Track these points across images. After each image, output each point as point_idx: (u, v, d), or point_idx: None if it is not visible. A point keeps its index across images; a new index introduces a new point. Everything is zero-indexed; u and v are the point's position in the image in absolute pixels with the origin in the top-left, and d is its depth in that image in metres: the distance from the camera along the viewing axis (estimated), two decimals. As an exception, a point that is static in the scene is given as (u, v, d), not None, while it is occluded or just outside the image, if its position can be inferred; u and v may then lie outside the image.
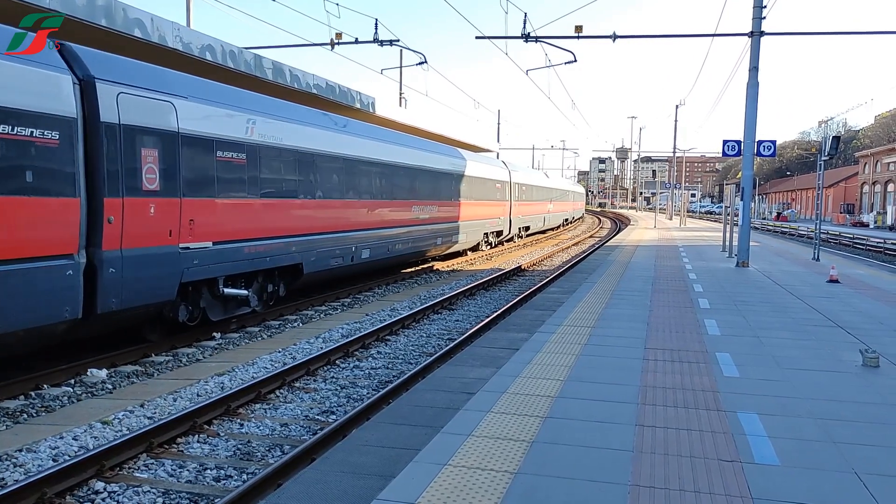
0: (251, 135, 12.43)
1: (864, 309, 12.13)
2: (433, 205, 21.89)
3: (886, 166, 68.68)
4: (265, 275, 13.24)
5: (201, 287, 11.48)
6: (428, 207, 21.45)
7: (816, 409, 6.13)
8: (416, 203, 20.55)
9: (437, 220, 22.32)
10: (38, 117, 8.24)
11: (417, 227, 20.57)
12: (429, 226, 21.53)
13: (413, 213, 20.22)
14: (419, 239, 20.86)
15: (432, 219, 21.82)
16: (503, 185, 31.43)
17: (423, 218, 21.00)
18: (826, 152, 20.88)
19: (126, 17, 14.64)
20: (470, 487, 4.36)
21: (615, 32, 19.78)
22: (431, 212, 21.69)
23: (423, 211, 20.95)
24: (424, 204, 21.18)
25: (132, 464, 6.47)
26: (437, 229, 22.37)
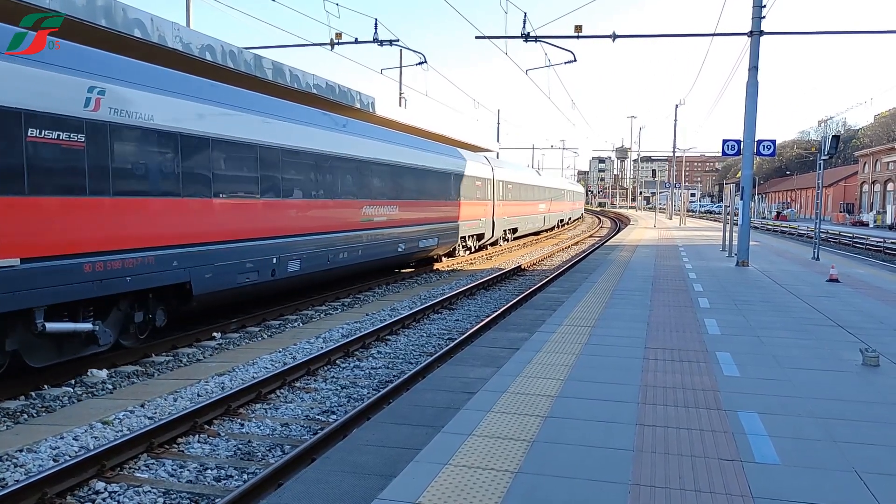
0: (95, 109, 9.14)
1: (864, 308, 12.13)
2: (392, 205, 18.87)
3: (886, 165, 68.71)
4: (133, 299, 10.30)
5: (11, 322, 8.35)
6: (386, 208, 18.46)
7: (817, 409, 6.13)
8: (370, 203, 17.50)
9: (399, 222, 19.36)
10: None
11: (371, 231, 17.53)
12: (387, 230, 18.52)
13: (364, 214, 17.24)
14: (374, 245, 17.79)
15: (392, 221, 18.86)
16: (484, 182, 28.47)
17: (378, 220, 18.04)
18: (826, 152, 20.88)
19: (126, 17, 14.64)
20: (471, 487, 4.36)
21: (615, 32, 19.79)
22: (390, 213, 18.74)
23: (378, 212, 17.97)
24: (381, 204, 18.22)
25: (133, 464, 6.47)
26: (399, 234, 19.39)
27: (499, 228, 30.70)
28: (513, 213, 33.41)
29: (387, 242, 18.61)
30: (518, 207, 34.70)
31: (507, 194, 32.21)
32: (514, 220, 34.01)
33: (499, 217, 30.45)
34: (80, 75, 9.03)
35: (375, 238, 17.82)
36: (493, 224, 29.69)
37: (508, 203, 32.30)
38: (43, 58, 8.45)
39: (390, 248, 18.91)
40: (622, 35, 20.23)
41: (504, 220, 31.64)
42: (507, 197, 32.20)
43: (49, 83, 8.51)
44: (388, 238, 18.68)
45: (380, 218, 18.07)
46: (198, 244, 11.20)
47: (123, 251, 9.65)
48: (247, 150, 12.63)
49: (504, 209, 31.38)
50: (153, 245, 10.22)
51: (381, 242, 18.21)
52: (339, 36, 22.51)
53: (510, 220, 33.00)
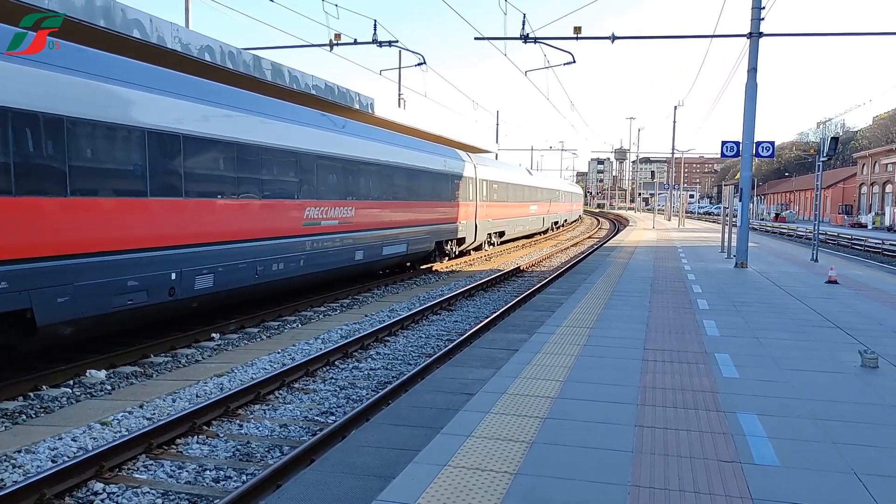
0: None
1: (863, 310, 12.13)
2: (346, 206, 16.35)
3: (884, 167, 68.80)
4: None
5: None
6: (337, 210, 15.96)
7: (816, 410, 6.13)
8: (314, 204, 14.96)
9: (356, 226, 16.75)
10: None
11: (317, 237, 14.94)
12: (339, 235, 15.91)
13: (307, 217, 14.67)
14: (322, 254, 15.19)
15: (346, 225, 16.26)
16: (465, 181, 26.01)
17: (327, 225, 15.46)
18: (824, 153, 20.90)
19: (125, 17, 14.64)
20: (470, 488, 4.36)
21: (614, 33, 19.83)
22: (344, 216, 16.21)
23: (326, 214, 15.41)
24: (331, 205, 15.67)
25: (131, 465, 6.46)
26: (356, 240, 16.76)
27: (482, 232, 28.28)
28: (499, 215, 30.92)
29: (339, 250, 15.96)
30: (505, 209, 32.23)
31: (493, 195, 29.91)
32: (501, 222, 31.47)
33: (482, 219, 28.10)
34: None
35: (323, 245, 15.20)
36: (476, 227, 27.20)
37: (494, 204, 29.97)
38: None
39: (344, 256, 16.25)
40: (621, 36, 20.27)
41: (489, 223, 29.19)
42: (493, 197, 29.89)
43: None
44: (341, 245, 16.04)
45: (329, 221, 15.50)
46: (43, 259, 8.54)
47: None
48: (126, 133, 9.93)
49: (489, 211, 29.05)
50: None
51: (330, 250, 15.58)
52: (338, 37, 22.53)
53: (496, 223, 30.45)
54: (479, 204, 27.43)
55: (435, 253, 23.25)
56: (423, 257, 22.63)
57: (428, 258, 23.05)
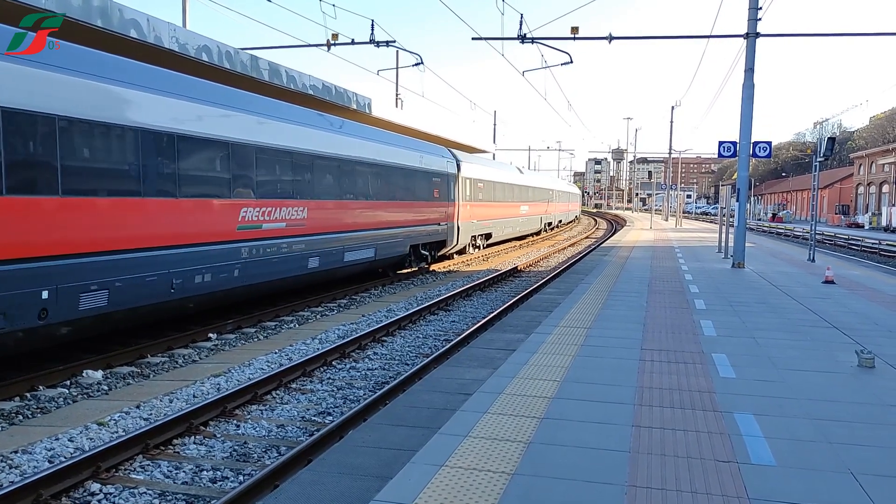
0: None
1: (860, 310, 12.16)
2: (295, 206, 14.21)
3: (881, 167, 68.94)
4: None
5: None
6: (284, 211, 13.79)
7: (812, 410, 6.14)
8: (253, 204, 12.76)
9: (309, 229, 14.66)
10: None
11: (256, 242, 12.80)
12: (286, 240, 13.85)
13: (243, 219, 12.47)
14: (264, 262, 13.06)
15: (295, 228, 14.17)
16: (446, 179, 23.98)
17: (270, 228, 13.26)
18: (821, 153, 20.94)
19: (122, 17, 14.62)
20: (467, 488, 4.36)
21: (611, 33, 19.86)
22: (293, 217, 14.09)
23: (269, 216, 13.25)
24: (275, 205, 13.47)
25: (128, 465, 6.45)
26: (308, 245, 14.63)
27: (466, 234, 26.07)
28: (485, 215, 28.83)
29: (287, 257, 13.89)
30: (492, 209, 30.09)
31: (479, 194, 27.86)
32: (487, 224, 29.28)
33: (466, 220, 25.88)
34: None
35: (266, 252, 13.13)
36: (458, 229, 25.02)
37: (479, 204, 27.87)
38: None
39: (294, 264, 14.22)
40: (618, 36, 20.30)
41: (473, 225, 27.01)
42: (478, 197, 27.81)
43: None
44: (289, 251, 13.95)
45: (274, 224, 13.38)
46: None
47: None
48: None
49: (473, 211, 26.98)
50: None
51: (275, 258, 13.44)
52: (336, 37, 22.55)
53: (481, 225, 28.30)
54: (462, 204, 25.43)
55: (410, 258, 21.26)
56: (397, 263, 20.66)
57: (402, 264, 21.05)
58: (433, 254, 23.36)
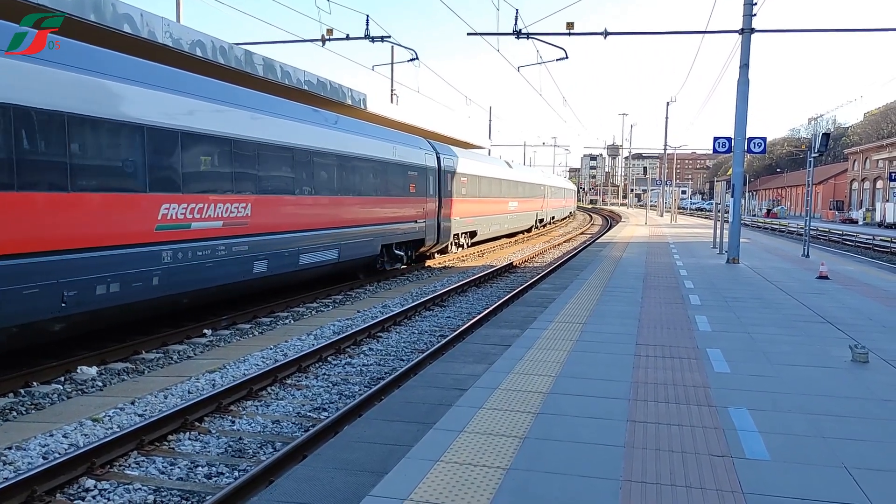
0: None
1: (854, 305, 12.20)
2: (235, 202, 12.41)
3: (875, 163, 69.12)
4: None
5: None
6: (219, 208, 11.99)
7: (806, 405, 6.16)
8: (177, 199, 11.00)
9: (253, 228, 12.88)
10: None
11: (181, 245, 11.07)
12: (223, 241, 12.07)
13: (164, 217, 10.74)
14: (192, 268, 11.35)
15: (235, 227, 12.37)
16: (425, 173, 22.31)
17: (200, 227, 11.49)
18: (816, 149, 21.00)
19: (115, 12, 14.54)
20: (462, 483, 4.36)
21: (606, 29, 19.83)
22: (232, 215, 12.29)
23: (199, 213, 11.46)
24: (207, 200, 11.68)
25: (123, 461, 6.45)
26: (252, 247, 12.81)
27: (447, 232, 24.49)
28: (469, 212, 27.09)
29: (225, 261, 12.09)
30: (477, 205, 28.20)
31: (461, 189, 26.20)
32: (471, 220, 27.60)
33: (447, 217, 24.32)
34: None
35: (196, 255, 11.37)
36: (439, 226, 23.56)
37: (463, 200, 26.20)
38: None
39: (234, 269, 12.42)
40: (614, 32, 20.28)
41: (455, 222, 25.37)
42: (462, 192, 26.17)
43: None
44: (227, 254, 12.15)
45: (205, 223, 11.61)
46: None
47: None
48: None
49: (456, 208, 25.31)
50: None
51: (209, 262, 11.70)
52: (331, 32, 22.45)
53: (464, 222, 26.64)
54: (443, 200, 23.83)
55: (383, 259, 19.68)
56: (368, 265, 19.07)
57: (374, 265, 19.43)
58: (410, 254, 21.84)
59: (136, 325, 11.51)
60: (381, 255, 19.29)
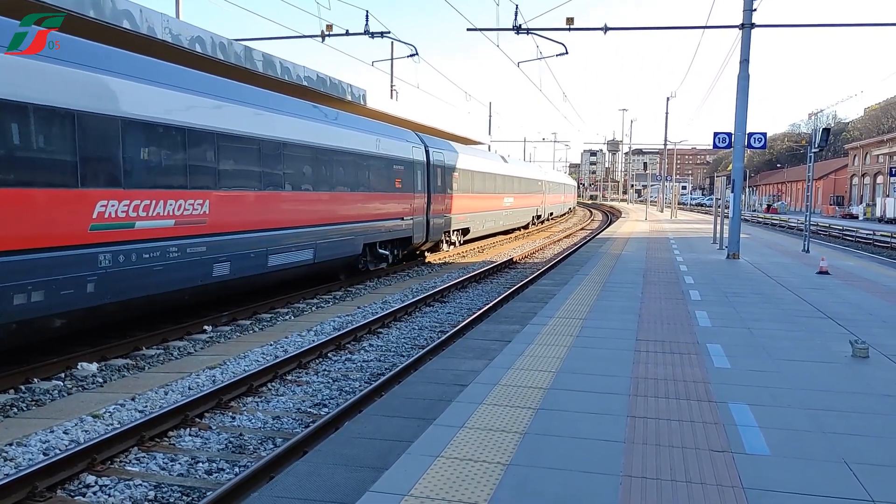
0: None
1: (854, 300, 12.19)
2: (193, 197, 11.28)
3: (876, 158, 69.05)
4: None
5: None
6: (174, 203, 10.86)
7: (807, 400, 6.16)
8: (118, 195, 9.79)
9: (214, 226, 11.74)
10: None
11: (120, 247, 9.83)
12: (175, 242, 10.87)
13: (100, 216, 9.51)
14: (137, 273, 10.13)
15: (194, 225, 11.27)
16: (413, 168, 21.14)
17: (146, 227, 10.29)
18: (816, 144, 20.96)
19: (114, 8, 14.51)
20: (462, 479, 4.37)
21: (606, 24, 19.81)
22: (187, 211, 11.13)
23: (143, 211, 10.24)
24: (156, 196, 10.49)
25: (123, 457, 6.45)
26: (212, 246, 11.67)
27: (437, 230, 23.41)
28: (461, 208, 25.92)
29: (177, 265, 10.93)
30: (470, 201, 27.06)
31: (453, 184, 25.10)
32: (464, 217, 26.46)
33: (437, 214, 23.23)
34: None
35: (142, 258, 10.19)
36: (429, 224, 22.45)
37: (454, 196, 25.12)
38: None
39: (189, 273, 11.27)
40: (614, 27, 20.27)
41: (446, 219, 24.36)
42: (453, 188, 25.07)
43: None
44: (181, 256, 10.98)
45: (153, 222, 10.42)
46: None
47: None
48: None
49: (447, 204, 24.28)
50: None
51: (158, 265, 10.53)
52: (330, 28, 22.44)
53: (456, 219, 25.51)
54: (432, 195, 22.74)
55: (365, 259, 18.52)
56: (349, 265, 17.85)
57: (355, 265, 18.19)
58: (397, 253, 20.76)
59: (137, 322, 11.51)
60: (364, 254, 18.20)
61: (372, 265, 19.04)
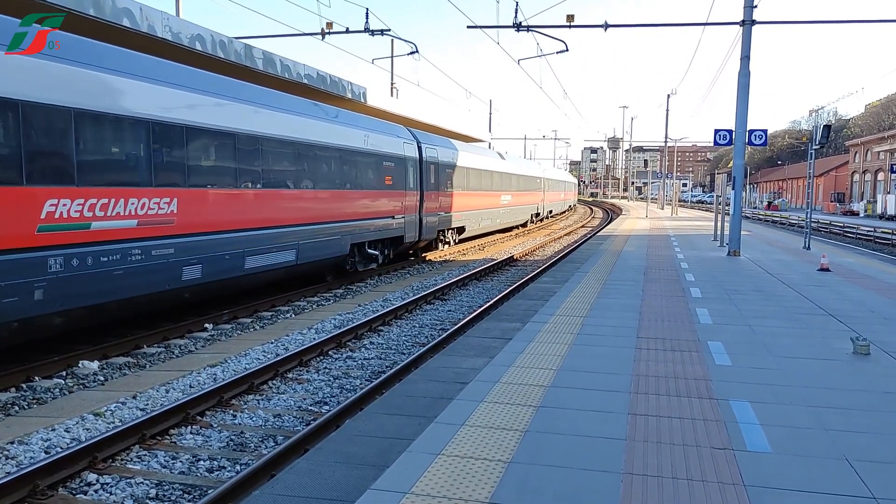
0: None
1: (855, 297, 12.19)
2: (159, 195, 10.51)
3: (877, 155, 68.95)
4: None
5: None
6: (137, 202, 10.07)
7: (808, 397, 6.16)
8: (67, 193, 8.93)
9: (183, 225, 10.99)
10: None
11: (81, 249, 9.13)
12: (141, 243, 10.14)
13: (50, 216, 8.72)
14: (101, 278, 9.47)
15: (159, 226, 10.51)
16: (404, 164, 20.40)
17: (107, 227, 9.52)
18: (817, 141, 20.94)
19: (115, 6, 14.51)
20: (463, 477, 4.37)
21: (606, 21, 19.79)
22: (152, 210, 10.34)
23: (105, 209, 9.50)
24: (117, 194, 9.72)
25: (125, 455, 6.46)
26: (180, 247, 10.92)
27: (430, 228, 22.70)
28: (456, 206, 25.22)
29: (139, 269, 10.10)
30: (465, 199, 26.35)
31: (447, 182, 24.44)
32: (459, 215, 25.64)
33: (431, 212, 22.56)
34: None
35: (100, 262, 9.42)
36: (422, 222, 21.77)
37: (448, 193, 24.47)
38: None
39: (155, 277, 10.48)
40: (614, 24, 20.23)
41: (440, 217, 23.60)
42: (447, 185, 24.42)
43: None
44: (144, 259, 10.16)
45: (112, 223, 9.61)
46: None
47: None
48: None
49: (441, 202, 23.59)
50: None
51: (118, 270, 9.75)
52: (330, 25, 22.45)
53: (450, 217, 24.77)
54: (425, 193, 22.06)
55: (353, 259, 17.71)
56: (335, 266, 17.03)
57: (343, 266, 17.41)
58: (387, 253, 20.00)
59: (138, 320, 11.52)
60: (352, 254, 17.42)
61: (361, 266, 18.30)
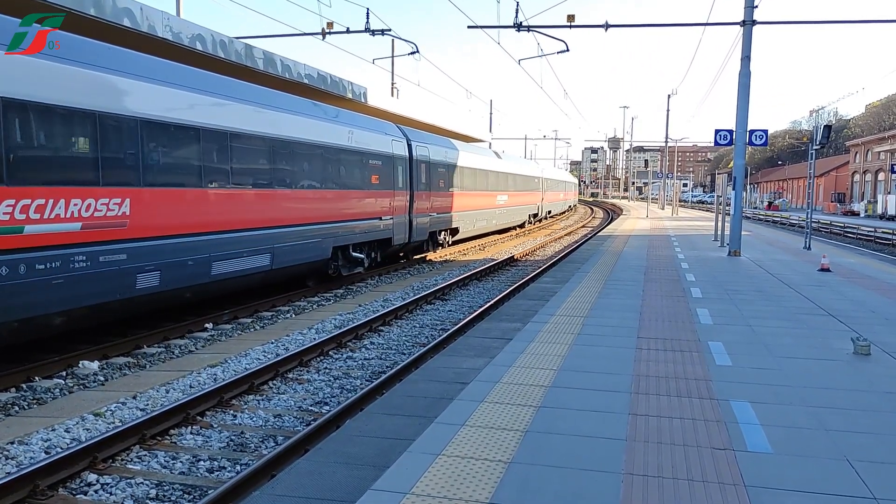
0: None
1: (856, 297, 12.18)
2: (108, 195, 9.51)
3: (877, 155, 68.95)
4: None
5: None
6: (82, 203, 9.06)
7: (808, 397, 6.15)
8: (5, 193, 8.02)
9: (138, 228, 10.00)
10: None
11: (17, 256, 8.17)
12: (86, 249, 9.15)
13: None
14: (37, 286, 8.44)
15: (108, 229, 9.49)
16: (392, 163, 19.43)
17: (44, 230, 8.54)
18: (817, 141, 20.93)
19: (115, 6, 14.50)
20: (464, 477, 4.36)
21: (607, 21, 19.77)
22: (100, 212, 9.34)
23: (43, 211, 8.50)
24: (60, 194, 8.73)
25: (125, 456, 6.45)
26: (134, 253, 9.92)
27: (421, 230, 21.84)
28: (449, 206, 24.38)
29: (84, 277, 9.12)
30: (459, 199, 25.48)
31: (439, 181, 23.53)
32: (452, 216, 24.79)
33: (422, 213, 21.67)
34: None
35: (31, 271, 8.37)
36: (412, 223, 20.95)
37: (441, 193, 23.61)
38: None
39: (101, 286, 9.45)
40: (615, 24, 20.22)
41: (432, 218, 22.77)
42: (440, 185, 23.56)
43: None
44: (89, 268, 9.18)
45: (51, 226, 8.65)
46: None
47: None
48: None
49: (433, 202, 22.70)
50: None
51: (59, 278, 8.74)
52: (331, 25, 22.45)
53: (443, 218, 23.91)
54: (416, 193, 21.17)
55: (336, 263, 16.65)
56: (316, 270, 16.04)
57: (325, 271, 16.38)
58: (374, 256, 18.94)
59: (138, 321, 11.51)
60: (335, 258, 16.35)
61: (345, 270, 17.21)
